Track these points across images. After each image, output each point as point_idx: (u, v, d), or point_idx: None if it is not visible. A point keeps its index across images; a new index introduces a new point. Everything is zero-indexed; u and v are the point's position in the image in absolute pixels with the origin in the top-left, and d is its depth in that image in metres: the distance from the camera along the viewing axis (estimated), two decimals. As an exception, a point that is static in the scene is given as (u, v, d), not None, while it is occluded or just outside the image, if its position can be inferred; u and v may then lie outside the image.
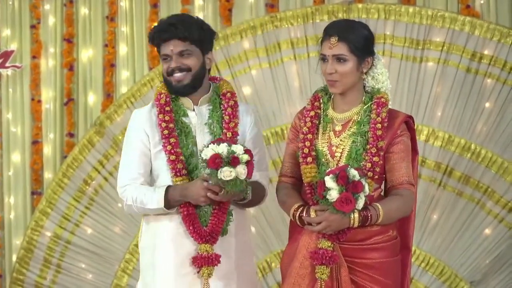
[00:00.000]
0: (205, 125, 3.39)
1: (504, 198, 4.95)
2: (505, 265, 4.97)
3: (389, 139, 3.15)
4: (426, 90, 5.05)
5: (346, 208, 2.97)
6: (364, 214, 3.06)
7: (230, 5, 5.64)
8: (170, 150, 3.32)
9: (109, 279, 5.47)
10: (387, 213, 3.10)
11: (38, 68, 5.92)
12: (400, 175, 3.15)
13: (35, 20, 5.95)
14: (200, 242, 3.30)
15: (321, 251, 3.10)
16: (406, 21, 5.07)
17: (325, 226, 3.07)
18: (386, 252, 3.16)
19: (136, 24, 5.80)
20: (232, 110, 3.37)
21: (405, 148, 3.17)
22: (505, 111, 4.97)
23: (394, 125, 3.16)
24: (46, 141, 5.91)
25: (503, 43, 4.98)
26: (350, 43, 3.14)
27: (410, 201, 3.18)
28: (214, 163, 3.13)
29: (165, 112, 3.37)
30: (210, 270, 3.30)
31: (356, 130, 3.17)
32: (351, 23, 3.22)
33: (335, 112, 3.26)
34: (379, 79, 3.24)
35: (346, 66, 3.16)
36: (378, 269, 3.12)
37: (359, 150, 3.14)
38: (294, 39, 5.25)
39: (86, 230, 5.50)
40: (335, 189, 2.98)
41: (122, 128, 5.43)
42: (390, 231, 3.18)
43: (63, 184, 5.50)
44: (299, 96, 5.21)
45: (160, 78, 5.38)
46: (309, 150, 3.21)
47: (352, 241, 3.12)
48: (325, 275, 3.09)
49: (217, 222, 3.30)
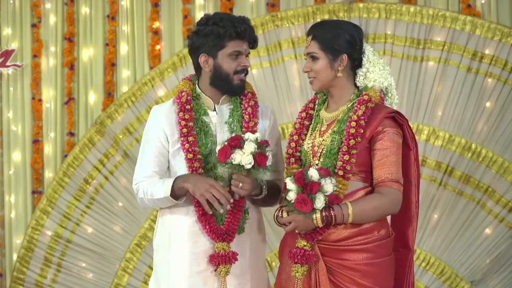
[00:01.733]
0: (225, 124, 3.39)
1: (504, 197, 4.95)
2: (505, 265, 4.97)
3: (369, 136, 3.13)
4: (427, 89, 5.05)
5: (304, 208, 2.99)
6: (326, 214, 3.04)
7: (231, 4, 5.64)
8: (188, 148, 3.32)
9: (109, 278, 5.47)
10: (359, 212, 3.06)
11: (39, 67, 5.92)
12: (383, 172, 3.11)
13: (36, 19, 5.95)
14: (217, 241, 3.31)
15: (295, 250, 3.11)
16: (407, 21, 5.07)
17: (294, 226, 3.09)
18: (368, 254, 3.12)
19: (137, 23, 5.80)
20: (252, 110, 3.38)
21: (389, 145, 3.12)
22: (505, 111, 4.97)
23: (374, 122, 3.12)
24: (46, 140, 5.91)
25: (504, 42, 4.98)
26: (320, 41, 3.18)
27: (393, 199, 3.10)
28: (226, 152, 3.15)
29: (185, 110, 3.36)
30: (227, 268, 3.30)
31: (337, 129, 3.18)
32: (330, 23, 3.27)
33: (325, 112, 3.27)
34: (370, 78, 3.23)
35: (318, 64, 3.19)
36: (357, 271, 3.09)
37: (334, 149, 3.14)
38: (295, 38, 5.25)
39: (86, 229, 5.51)
40: (293, 190, 3.01)
41: (122, 127, 5.43)
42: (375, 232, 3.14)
43: (63, 183, 5.50)
44: (300, 95, 5.21)
45: (160, 78, 5.41)
46: (293, 151, 3.25)
47: (329, 241, 3.12)
48: (299, 274, 3.09)
49: (233, 220, 3.31)
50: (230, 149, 3.14)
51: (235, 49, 3.34)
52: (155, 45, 5.75)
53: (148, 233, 5.38)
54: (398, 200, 3.12)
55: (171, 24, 5.76)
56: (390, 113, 3.15)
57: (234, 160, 3.13)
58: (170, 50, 5.71)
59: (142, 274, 5.41)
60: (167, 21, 5.75)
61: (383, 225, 3.17)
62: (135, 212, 5.43)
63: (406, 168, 3.20)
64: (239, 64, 3.35)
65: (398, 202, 3.13)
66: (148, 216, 5.40)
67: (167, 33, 5.76)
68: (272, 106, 5.15)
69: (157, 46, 5.75)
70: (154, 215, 5.38)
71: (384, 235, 3.16)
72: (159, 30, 5.77)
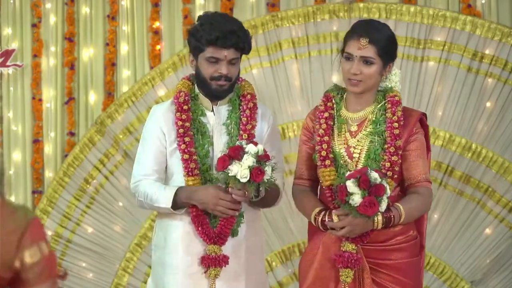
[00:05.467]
0: (223, 125, 3.37)
1: (504, 197, 4.95)
2: (505, 265, 4.97)
3: (405, 137, 3.15)
4: (427, 89, 5.05)
5: (370, 211, 2.94)
6: (387, 216, 3.04)
7: (231, 4, 5.64)
8: (184, 149, 3.31)
9: (109, 278, 5.47)
10: (408, 212, 3.09)
11: (39, 67, 5.92)
12: (418, 172, 3.15)
13: (36, 19, 5.95)
14: (208, 243, 3.30)
15: (346, 254, 3.08)
16: (407, 21, 5.07)
17: (349, 230, 3.05)
18: (407, 252, 3.15)
19: (137, 23, 5.80)
20: (250, 112, 3.35)
21: (421, 145, 3.17)
22: (506, 111, 4.97)
23: (410, 123, 3.15)
24: (47, 140, 5.91)
25: (504, 42, 4.98)
26: (380, 47, 3.12)
27: (429, 198, 3.18)
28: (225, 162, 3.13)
29: (183, 110, 3.35)
30: (217, 271, 3.29)
31: (373, 130, 3.15)
32: (380, 26, 3.21)
33: (348, 112, 3.23)
34: (392, 79, 3.25)
35: (371, 69, 3.14)
36: (400, 270, 3.12)
37: (377, 150, 3.12)
38: (295, 38, 5.25)
39: (87, 229, 5.51)
40: (358, 194, 2.95)
41: (123, 127, 5.43)
42: (411, 231, 3.18)
43: (63, 183, 5.50)
44: (300, 95, 5.21)
45: (160, 77, 5.41)
46: (327, 152, 3.17)
47: (375, 242, 3.12)
48: (349, 278, 3.08)
49: (226, 223, 3.29)
50: (228, 159, 3.12)
51: (212, 55, 3.30)
52: (155, 45, 5.75)
53: (148, 233, 5.38)
54: (431, 199, 3.23)
55: (171, 24, 5.76)
56: (422, 115, 3.21)
57: (230, 172, 3.11)
58: (170, 50, 5.71)
59: (142, 274, 5.41)
60: (167, 21, 5.75)
61: (413, 226, 3.21)
62: (135, 212, 5.43)
63: None
64: (216, 71, 3.30)
65: (431, 201, 3.24)
66: (148, 216, 5.39)
67: (167, 33, 5.76)
68: (273, 106, 5.16)
69: (157, 46, 5.75)
70: (154, 215, 5.37)
71: (415, 235, 3.21)
72: (159, 30, 5.77)
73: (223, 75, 3.30)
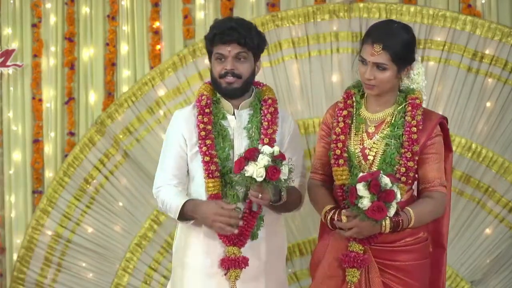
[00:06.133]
0: (244, 129, 3.40)
1: (504, 197, 4.95)
2: (505, 265, 4.97)
3: (423, 141, 3.13)
4: (427, 89, 5.00)
5: (378, 216, 2.94)
6: (396, 220, 3.04)
7: (231, 4, 5.64)
8: (205, 151, 3.34)
9: (109, 278, 5.47)
10: (418, 217, 3.08)
11: (39, 67, 5.92)
12: (433, 177, 3.14)
13: (36, 19, 5.94)
14: (228, 245, 3.32)
15: (352, 254, 3.08)
16: (407, 21, 5.06)
17: (356, 232, 3.05)
18: (416, 254, 3.15)
19: (137, 23, 5.80)
20: (272, 117, 3.38)
21: (438, 150, 3.16)
22: (506, 111, 4.97)
23: (429, 127, 3.13)
24: (47, 140, 5.91)
25: (504, 42, 4.98)
26: (393, 53, 3.08)
27: (442, 203, 3.17)
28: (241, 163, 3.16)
29: (205, 113, 3.38)
30: (237, 273, 3.31)
31: (390, 133, 3.13)
32: (396, 30, 3.14)
33: (368, 112, 3.21)
34: (415, 79, 3.21)
35: (385, 74, 3.11)
36: (408, 271, 3.12)
37: (393, 154, 3.10)
38: (295, 38, 5.24)
39: (86, 229, 5.51)
40: (367, 197, 2.95)
41: (123, 127, 5.43)
42: (421, 233, 3.17)
43: (64, 183, 5.50)
44: (300, 95, 5.21)
45: (160, 77, 5.41)
46: (341, 151, 3.16)
47: (383, 243, 3.11)
48: (355, 278, 3.08)
49: (246, 226, 3.31)
50: (244, 161, 3.14)
51: (217, 51, 3.38)
52: (155, 45, 5.75)
53: (148, 233, 5.38)
54: (445, 203, 3.22)
55: (172, 24, 5.75)
56: (442, 119, 3.18)
57: (246, 172, 3.13)
58: (171, 50, 5.71)
59: (142, 274, 5.41)
60: (167, 21, 5.75)
61: (424, 227, 3.20)
62: (135, 212, 5.43)
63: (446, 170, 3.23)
64: (223, 68, 3.36)
65: (445, 206, 3.22)
66: (148, 216, 5.39)
67: (167, 33, 5.75)
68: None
69: (158, 46, 5.75)
70: (155, 215, 5.38)
71: (426, 237, 3.21)
72: (159, 30, 5.77)
73: (228, 70, 3.34)
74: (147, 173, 5.33)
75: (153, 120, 5.41)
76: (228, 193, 3.35)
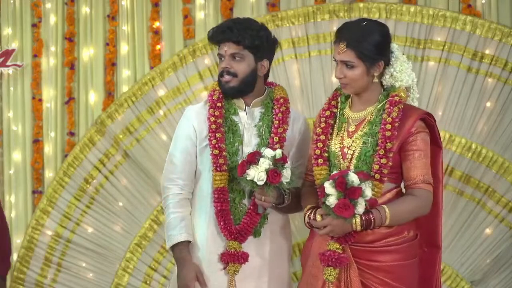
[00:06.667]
0: (254, 127, 3.42)
1: (504, 197, 4.95)
2: (505, 265, 4.97)
3: (402, 138, 3.12)
4: (427, 89, 5.05)
5: (345, 213, 2.96)
6: (367, 218, 3.03)
7: (231, 4, 5.64)
8: (214, 144, 3.37)
9: (109, 278, 5.47)
10: (395, 214, 3.07)
11: (39, 67, 5.92)
12: (415, 174, 3.12)
13: (36, 19, 5.94)
14: (229, 239, 3.34)
15: (328, 253, 3.09)
16: (407, 21, 5.06)
17: (329, 230, 3.06)
18: (399, 254, 3.12)
19: (137, 23, 5.80)
20: (283, 116, 3.39)
21: (421, 146, 3.13)
22: (506, 110, 4.97)
23: (408, 124, 3.12)
24: (47, 140, 5.91)
25: (504, 42, 4.98)
26: (358, 50, 3.10)
27: (426, 201, 3.14)
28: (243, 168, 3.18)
29: (216, 107, 3.41)
30: (236, 267, 3.33)
31: (368, 131, 3.14)
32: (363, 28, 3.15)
33: (351, 112, 3.23)
34: (397, 77, 3.21)
35: (354, 72, 3.13)
36: (389, 273, 3.10)
37: (368, 151, 3.11)
38: (295, 38, 5.24)
39: (86, 229, 5.51)
40: (333, 195, 2.98)
41: (123, 126, 5.43)
42: (405, 232, 3.15)
43: (63, 183, 5.50)
44: (300, 95, 5.21)
45: (160, 77, 5.42)
46: (321, 151, 3.19)
47: (362, 242, 3.11)
48: (332, 277, 3.08)
49: (249, 222, 3.33)
50: (246, 164, 3.16)
51: (218, 51, 3.45)
52: (155, 45, 5.75)
53: (148, 233, 5.38)
54: (430, 201, 3.16)
55: (172, 24, 5.76)
56: (423, 115, 3.16)
57: (248, 176, 3.15)
58: (171, 50, 5.71)
59: (142, 274, 5.41)
60: (167, 21, 5.75)
61: (411, 226, 3.18)
62: (135, 212, 5.43)
63: (435, 167, 3.22)
64: (221, 67, 3.42)
65: (430, 204, 3.17)
66: (148, 216, 5.39)
67: (167, 33, 5.75)
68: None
69: (158, 46, 5.75)
70: (155, 215, 5.38)
71: (412, 236, 3.17)
72: (159, 30, 5.77)
73: (223, 69, 3.36)
74: (147, 173, 5.33)
75: (153, 120, 5.41)
76: (234, 188, 3.37)
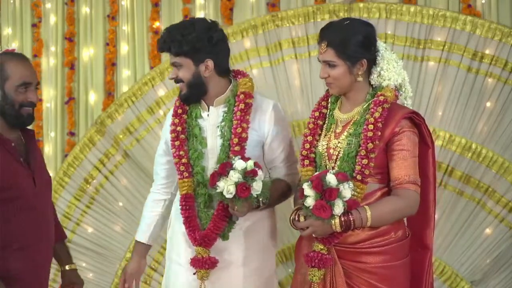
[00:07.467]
0: (217, 127, 3.38)
1: (504, 197, 4.95)
2: (505, 265, 4.97)
3: (387, 138, 3.12)
4: (427, 89, 5.04)
5: (323, 214, 2.96)
6: (345, 219, 3.02)
7: (231, 4, 5.64)
8: (173, 153, 3.38)
9: (110, 278, 5.47)
10: (377, 215, 3.04)
11: (39, 67, 5.92)
12: (400, 174, 3.10)
13: (36, 19, 5.95)
14: (195, 245, 3.33)
15: (312, 254, 3.09)
16: (407, 21, 5.06)
17: (312, 231, 3.07)
18: (386, 256, 3.11)
19: (137, 23, 5.80)
20: (241, 114, 3.33)
21: (406, 146, 3.11)
22: (506, 110, 4.96)
23: (392, 123, 3.11)
24: (47, 140, 5.91)
25: (504, 42, 4.97)
26: (338, 49, 3.11)
27: (412, 201, 3.11)
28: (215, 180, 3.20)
29: (176, 115, 3.44)
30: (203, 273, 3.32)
31: (353, 132, 3.15)
32: (344, 27, 3.16)
33: (340, 113, 3.23)
34: (385, 76, 3.20)
35: (336, 71, 3.13)
36: (374, 274, 3.08)
37: (351, 152, 3.11)
38: (295, 38, 5.24)
39: (86, 229, 5.51)
40: (311, 196, 2.98)
41: (123, 127, 5.43)
42: (391, 233, 3.13)
43: (63, 183, 5.50)
44: (300, 95, 5.21)
45: (160, 77, 5.42)
46: (308, 152, 3.21)
47: (346, 243, 3.10)
48: (316, 278, 3.08)
49: (213, 227, 3.32)
50: (217, 176, 3.13)
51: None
52: (155, 45, 5.75)
53: (148, 233, 5.38)
54: (416, 202, 3.13)
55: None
56: (407, 114, 3.15)
57: (218, 188, 3.13)
58: (171, 50, 5.71)
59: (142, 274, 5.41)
60: (167, 21, 5.75)
61: (400, 226, 3.16)
62: (135, 212, 5.43)
63: (424, 166, 3.19)
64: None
65: (416, 204, 3.13)
66: (148, 216, 5.40)
67: (167, 33, 5.75)
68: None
69: (158, 46, 5.75)
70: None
71: (401, 237, 3.15)
72: (159, 30, 5.77)
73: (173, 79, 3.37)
74: (147, 173, 5.33)
75: (153, 120, 5.41)
76: (200, 192, 3.37)
